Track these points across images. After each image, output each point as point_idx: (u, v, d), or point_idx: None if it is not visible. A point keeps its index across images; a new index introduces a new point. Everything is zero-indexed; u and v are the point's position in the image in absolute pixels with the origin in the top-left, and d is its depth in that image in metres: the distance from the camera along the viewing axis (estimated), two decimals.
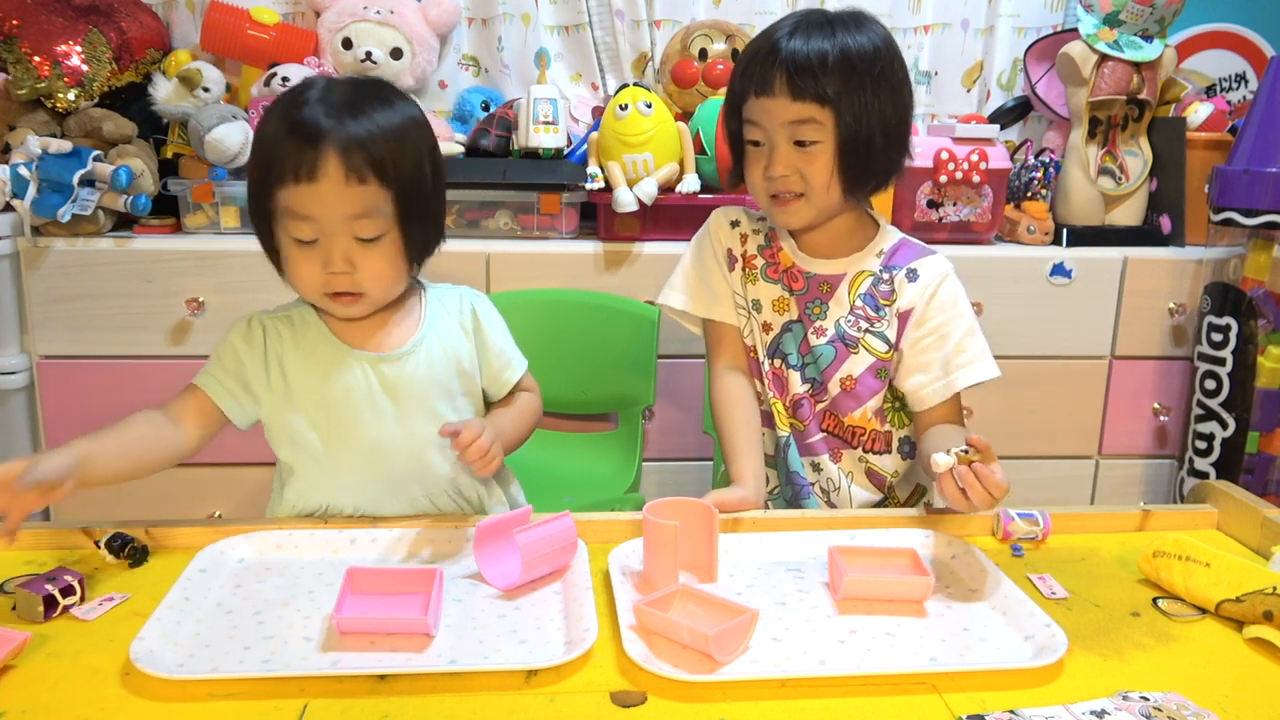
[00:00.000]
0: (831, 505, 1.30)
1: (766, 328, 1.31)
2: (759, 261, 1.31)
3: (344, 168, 1.03)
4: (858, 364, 1.26)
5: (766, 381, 1.31)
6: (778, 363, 1.30)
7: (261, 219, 1.10)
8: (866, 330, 1.26)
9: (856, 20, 1.21)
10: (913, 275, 1.26)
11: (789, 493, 1.32)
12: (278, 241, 1.10)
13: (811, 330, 1.27)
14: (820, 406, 1.29)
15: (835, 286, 1.28)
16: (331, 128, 1.03)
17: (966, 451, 1.00)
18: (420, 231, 1.12)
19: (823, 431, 1.29)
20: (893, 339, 1.26)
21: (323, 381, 1.13)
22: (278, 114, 1.07)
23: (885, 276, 1.27)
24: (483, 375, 1.22)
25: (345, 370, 1.14)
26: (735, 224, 1.34)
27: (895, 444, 1.31)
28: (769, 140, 1.21)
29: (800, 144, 1.19)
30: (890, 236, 1.31)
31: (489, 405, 1.25)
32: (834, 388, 1.27)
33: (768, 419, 1.32)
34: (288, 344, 1.15)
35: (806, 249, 1.30)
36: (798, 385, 1.29)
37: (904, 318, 1.26)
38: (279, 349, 1.14)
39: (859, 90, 1.17)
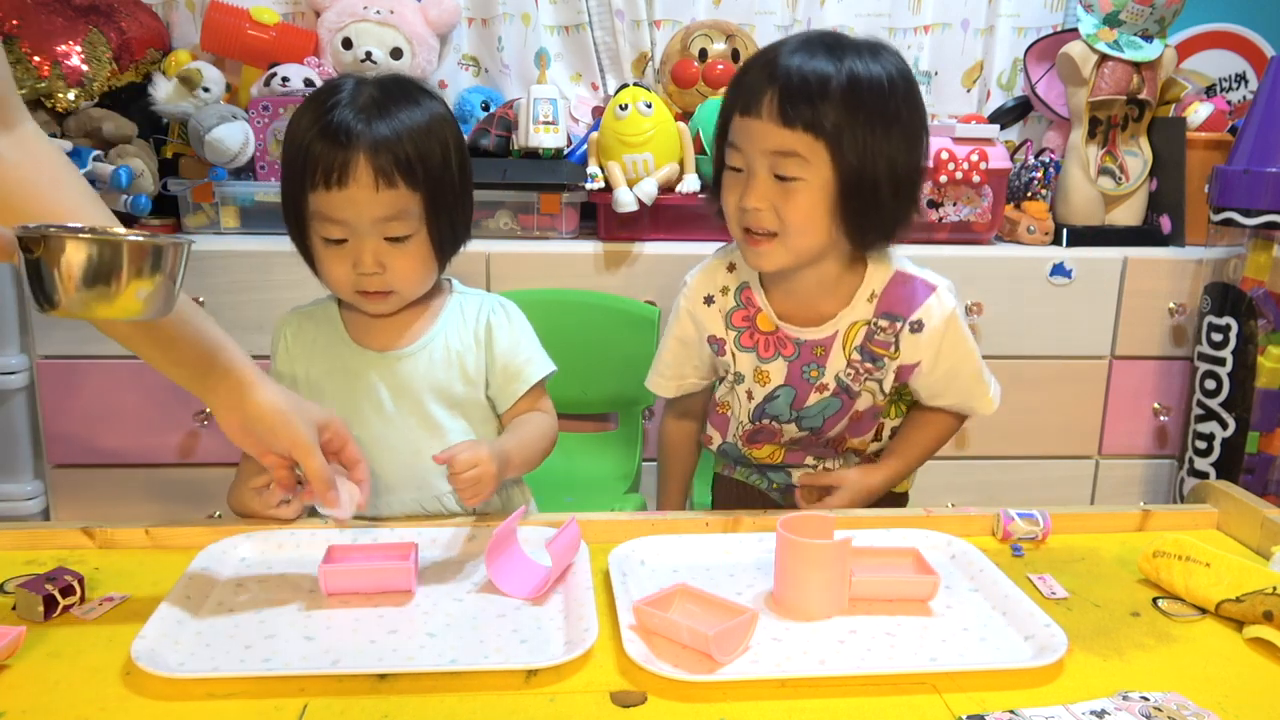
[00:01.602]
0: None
1: (749, 395, 1.24)
2: (730, 334, 1.22)
3: (373, 172, 1.05)
4: (860, 405, 1.23)
5: (739, 441, 1.29)
6: (766, 420, 1.25)
7: (293, 219, 1.11)
8: (865, 379, 1.21)
9: (873, 48, 1.07)
10: (917, 327, 1.16)
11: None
12: (309, 241, 1.12)
13: (813, 390, 1.20)
14: (823, 441, 1.28)
15: (829, 347, 1.18)
16: (360, 133, 1.05)
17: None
18: (449, 229, 1.14)
19: (822, 446, 1.29)
20: (888, 386, 1.22)
21: (327, 375, 1.15)
22: (309, 116, 1.08)
23: (882, 325, 1.17)
24: (490, 385, 1.20)
25: (349, 365, 1.15)
26: (709, 300, 1.22)
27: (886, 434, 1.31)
28: (748, 167, 1.08)
29: (781, 178, 1.07)
30: (880, 272, 1.17)
31: (498, 416, 1.24)
32: (842, 424, 1.25)
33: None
34: (305, 338, 1.18)
35: (789, 317, 1.19)
36: (795, 432, 1.26)
37: (910, 368, 1.20)
38: (299, 344, 1.17)
39: (865, 127, 1.03)
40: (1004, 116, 2.26)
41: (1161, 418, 2.09)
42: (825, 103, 1.03)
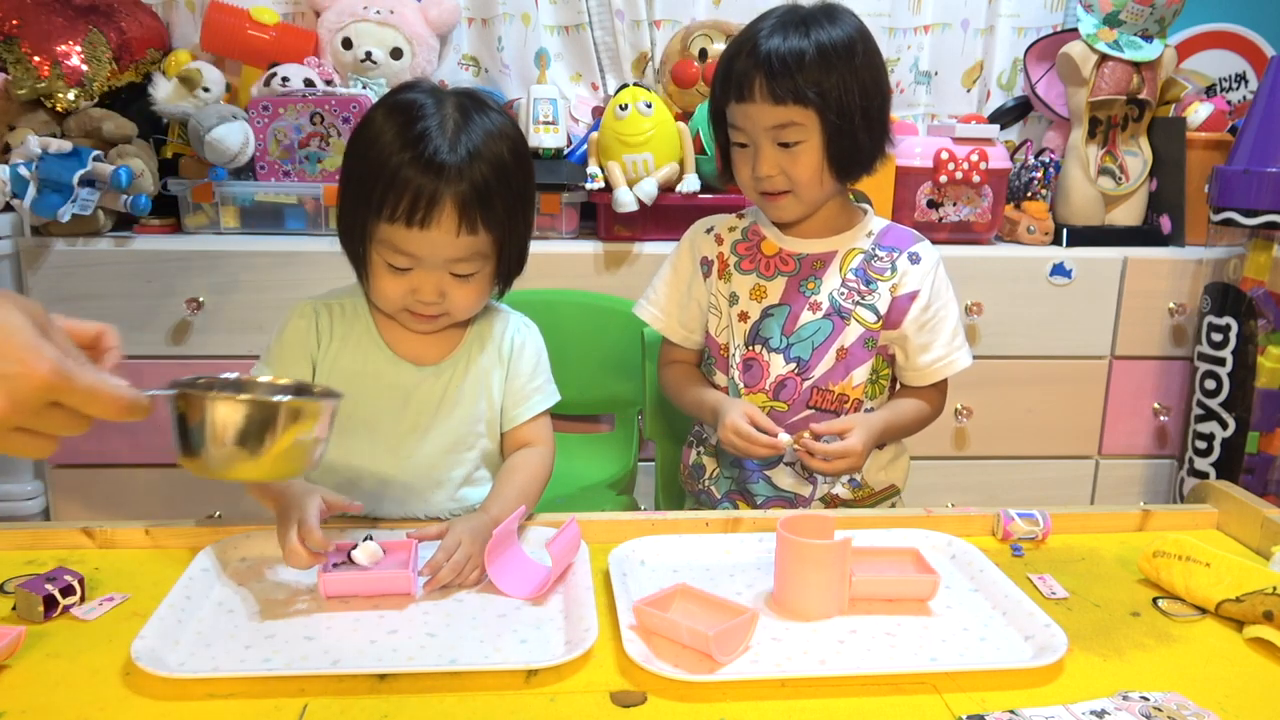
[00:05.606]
0: (810, 478, 1.31)
1: (743, 317, 1.33)
2: (733, 259, 1.35)
3: (458, 218, 1.04)
4: (850, 334, 1.29)
5: (736, 372, 1.32)
6: (757, 348, 1.31)
7: (355, 232, 1.09)
8: (857, 302, 1.29)
9: (828, 14, 1.24)
10: (915, 258, 1.31)
11: (735, 481, 1.34)
12: (365, 254, 1.09)
13: (807, 306, 1.29)
14: (808, 384, 1.29)
15: (828, 263, 1.31)
16: (450, 173, 1.02)
17: (804, 436, 1.23)
18: (515, 263, 1.14)
19: (810, 408, 1.30)
20: (882, 311, 1.29)
21: (355, 377, 1.13)
22: (390, 133, 1.04)
23: (880, 255, 1.31)
24: (502, 405, 1.20)
25: (380, 370, 1.13)
26: (710, 230, 1.39)
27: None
28: (753, 143, 1.25)
29: (784, 145, 1.23)
30: (876, 221, 1.35)
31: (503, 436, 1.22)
32: (828, 359, 1.29)
33: None
34: (336, 331, 1.15)
35: (794, 233, 1.33)
36: (780, 367, 1.30)
37: (908, 298, 1.29)
38: (327, 335, 1.15)
39: (838, 82, 1.20)
40: (1004, 116, 2.26)
41: (1161, 418, 2.09)
42: (803, 74, 1.19)
